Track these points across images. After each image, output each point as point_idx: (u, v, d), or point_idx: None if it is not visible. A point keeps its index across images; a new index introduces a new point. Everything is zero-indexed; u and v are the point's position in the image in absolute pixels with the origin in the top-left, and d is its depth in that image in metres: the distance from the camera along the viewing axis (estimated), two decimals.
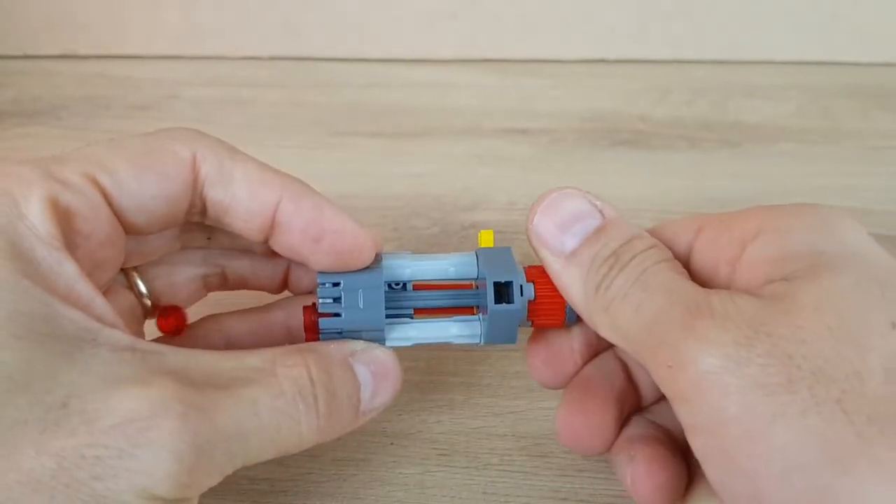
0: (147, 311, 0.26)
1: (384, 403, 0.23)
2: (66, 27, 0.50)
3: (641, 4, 0.49)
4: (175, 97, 0.47)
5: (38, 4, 0.49)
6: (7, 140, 0.44)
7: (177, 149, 0.22)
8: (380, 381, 0.23)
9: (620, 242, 0.21)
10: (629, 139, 0.44)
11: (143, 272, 0.25)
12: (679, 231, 0.23)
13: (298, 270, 0.27)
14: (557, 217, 0.22)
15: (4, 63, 0.50)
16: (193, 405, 0.18)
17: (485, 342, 0.24)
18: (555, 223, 0.22)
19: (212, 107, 0.47)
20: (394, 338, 0.24)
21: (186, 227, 0.25)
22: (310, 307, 0.24)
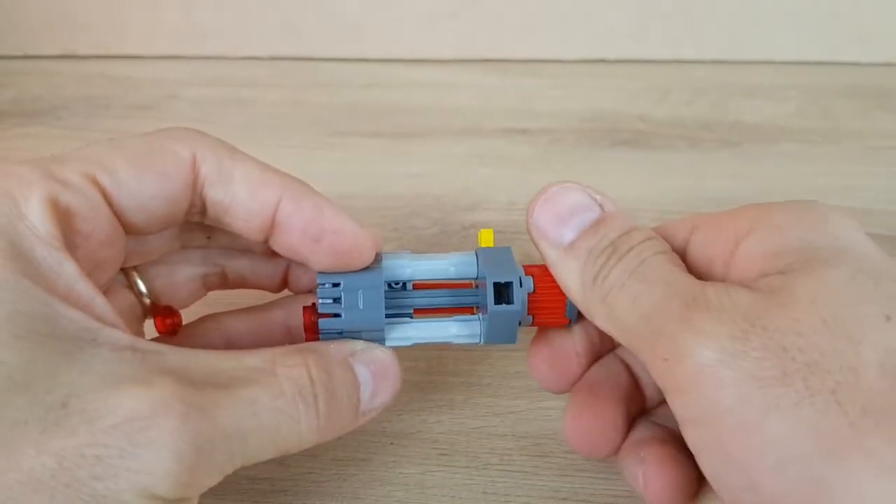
0: (147, 311, 0.26)
1: (384, 403, 0.23)
2: (66, 27, 0.50)
3: (641, 4, 0.49)
4: (175, 97, 0.47)
5: (38, 4, 0.49)
6: (7, 140, 0.44)
7: (177, 148, 0.22)
8: (379, 381, 0.23)
9: (618, 233, 0.21)
10: (629, 139, 0.44)
11: (143, 272, 0.25)
12: (674, 231, 0.23)
13: (298, 269, 0.27)
14: (556, 210, 0.22)
15: (4, 63, 0.50)
16: (194, 405, 0.18)
17: (485, 342, 0.24)
18: (554, 215, 0.22)
19: (212, 107, 0.47)
20: (393, 337, 0.24)
21: (186, 227, 0.25)
22: (309, 308, 0.24)
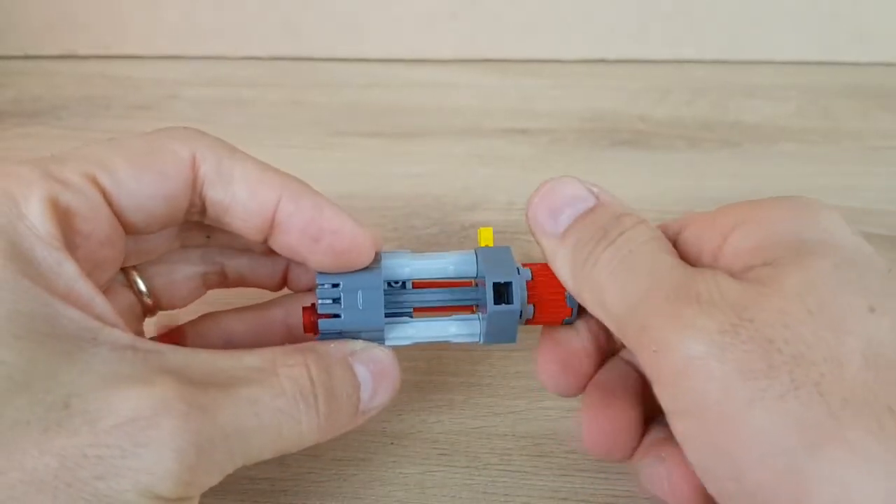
0: (147, 310, 0.26)
1: (384, 403, 0.23)
2: (66, 27, 0.50)
3: (641, 4, 0.49)
4: (175, 97, 0.47)
5: (38, 4, 0.49)
6: (7, 140, 0.44)
7: (176, 148, 0.22)
8: (379, 381, 0.23)
9: (608, 218, 0.22)
10: (629, 139, 0.44)
11: (143, 271, 0.25)
12: (665, 229, 0.23)
13: (298, 268, 0.27)
14: (553, 201, 0.22)
15: (4, 63, 0.50)
16: (195, 404, 0.19)
17: (484, 342, 0.24)
18: (550, 207, 0.22)
19: (212, 107, 0.47)
20: (393, 337, 0.24)
21: (186, 226, 0.25)
22: (309, 308, 0.24)
